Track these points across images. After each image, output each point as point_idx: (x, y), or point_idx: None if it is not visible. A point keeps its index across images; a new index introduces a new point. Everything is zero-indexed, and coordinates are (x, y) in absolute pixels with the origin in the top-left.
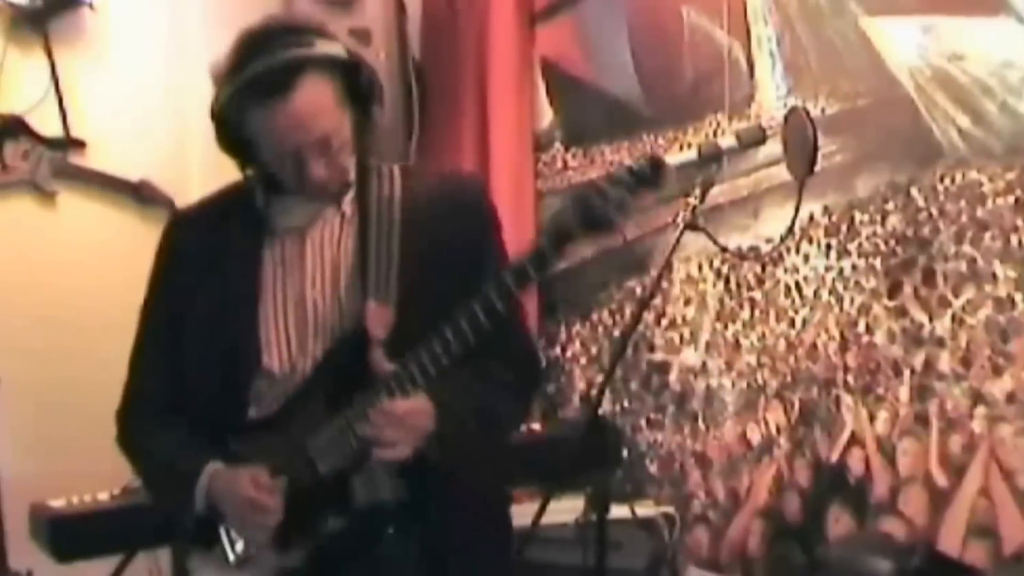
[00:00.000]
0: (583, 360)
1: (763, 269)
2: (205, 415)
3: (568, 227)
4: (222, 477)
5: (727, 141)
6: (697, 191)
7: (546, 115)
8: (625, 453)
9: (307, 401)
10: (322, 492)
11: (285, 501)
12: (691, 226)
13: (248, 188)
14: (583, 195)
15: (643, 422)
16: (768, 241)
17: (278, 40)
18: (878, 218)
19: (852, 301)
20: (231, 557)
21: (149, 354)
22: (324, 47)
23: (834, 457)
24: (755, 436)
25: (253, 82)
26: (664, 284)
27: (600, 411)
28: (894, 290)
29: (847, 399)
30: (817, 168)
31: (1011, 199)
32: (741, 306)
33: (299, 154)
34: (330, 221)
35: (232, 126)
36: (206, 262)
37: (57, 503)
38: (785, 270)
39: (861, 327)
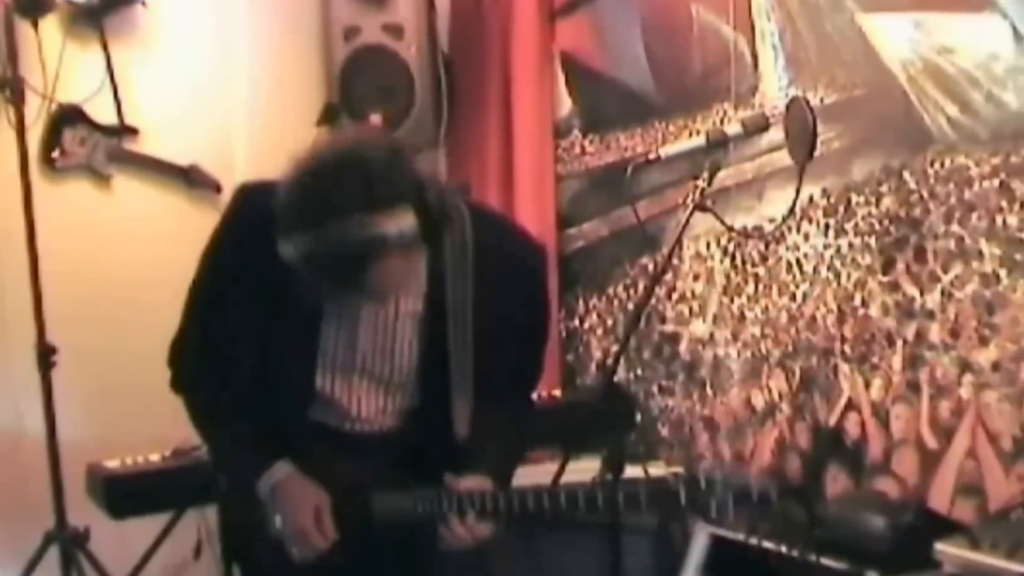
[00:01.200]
0: (599, 331)
1: (766, 247)
2: (269, 401)
3: (672, 500)
4: (291, 484)
5: (733, 128)
6: (705, 174)
7: (565, 104)
8: (639, 417)
9: (378, 448)
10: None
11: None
12: (700, 207)
13: None
14: (696, 479)
15: (655, 389)
16: (771, 221)
17: (350, 214)
18: (873, 200)
19: (849, 276)
20: (273, 528)
21: (207, 309)
22: (398, 225)
23: (832, 421)
24: (759, 402)
25: (321, 263)
26: (675, 261)
27: (615, 378)
28: (888, 266)
29: (844, 367)
30: (816, 153)
31: (996, 182)
32: (746, 281)
33: (374, 301)
34: None
35: (293, 269)
36: (273, 259)
37: (112, 464)
38: (787, 248)
39: (857, 301)
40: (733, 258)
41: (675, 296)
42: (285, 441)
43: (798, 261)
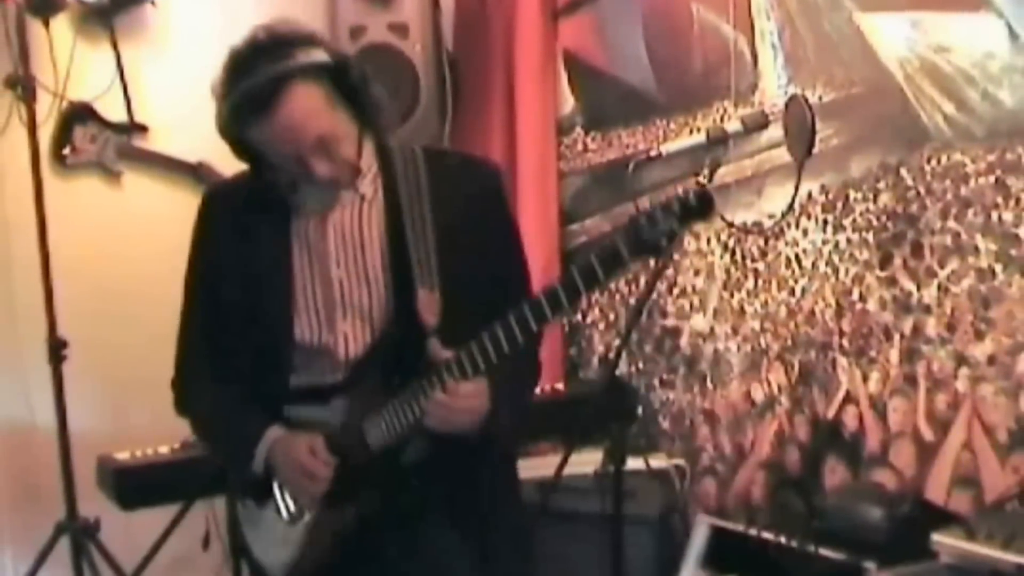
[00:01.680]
0: (602, 325)
1: (766, 242)
2: (249, 381)
3: (618, 250)
4: (281, 442)
5: (733, 126)
6: (706, 171)
7: (568, 102)
8: (640, 410)
9: (359, 381)
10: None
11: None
12: None
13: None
14: (634, 220)
15: (656, 382)
16: (770, 217)
17: (262, 56)
18: (870, 196)
19: (847, 271)
20: (284, 515)
21: (193, 322)
22: (305, 56)
23: (830, 414)
24: (758, 395)
25: (242, 100)
26: (675, 256)
27: (617, 372)
28: (885, 261)
29: (842, 361)
30: (815, 150)
31: (992, 179)
32: (746, 276)
33: (300, 157)
34: (349, 204)
35: (236, 139)
36: (239, 235)
37: (122, 455)
38: (786, 243)
39: (855, 295)
40: (733, 253)
41: (676, 291)
42: (275, 413)
43: (797, 256)
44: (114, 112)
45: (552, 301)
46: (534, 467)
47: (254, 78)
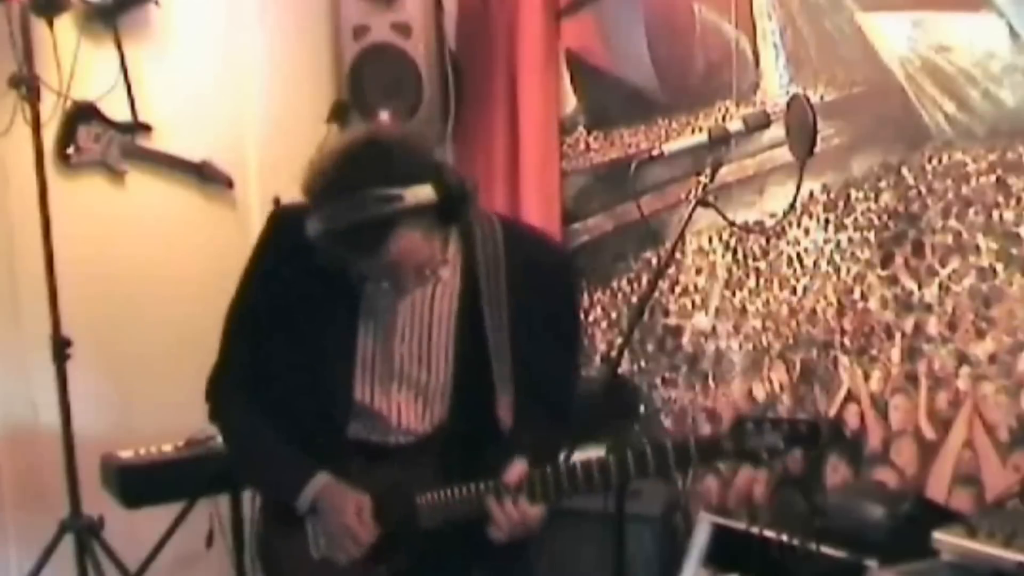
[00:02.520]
0: (604, 324)
1: (767, 241)
2: (301, 422)
3: (719, 447)
4: (331, 491)
5: (735, 125)
6: (708, 170)
7: (570, 101)
8: (642, 408)
9: (420, 454)
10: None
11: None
12: (702, 202)
13: None
14: (742, 426)
15: (658, 380)
16: (772, 216)
17: (372, 186)
18: (872, 195)
19: (848, 270)
20: (314, 552)
21: (243, 336)
22: (413, 197)
23: (832, 412)
24: (760, 393)
25: (346, 235)
26: (678, 255)
27: (619, 370)
28: (886, 260)
29: (844, 359)
30: (816, 150)
31: (993, 178)
32: (747, 275)
33: (393, 279)
34: (423, 288)
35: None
36: (311, 277)
37: (126, 454)
38: (787, 242)
39: (856, 294)
40: (735, 252)
41: (678, 290)
42: (323, 459)
43: (798, 255)
44: (118, 111)
45: (639, 466)
46: None
47: (361, 215)
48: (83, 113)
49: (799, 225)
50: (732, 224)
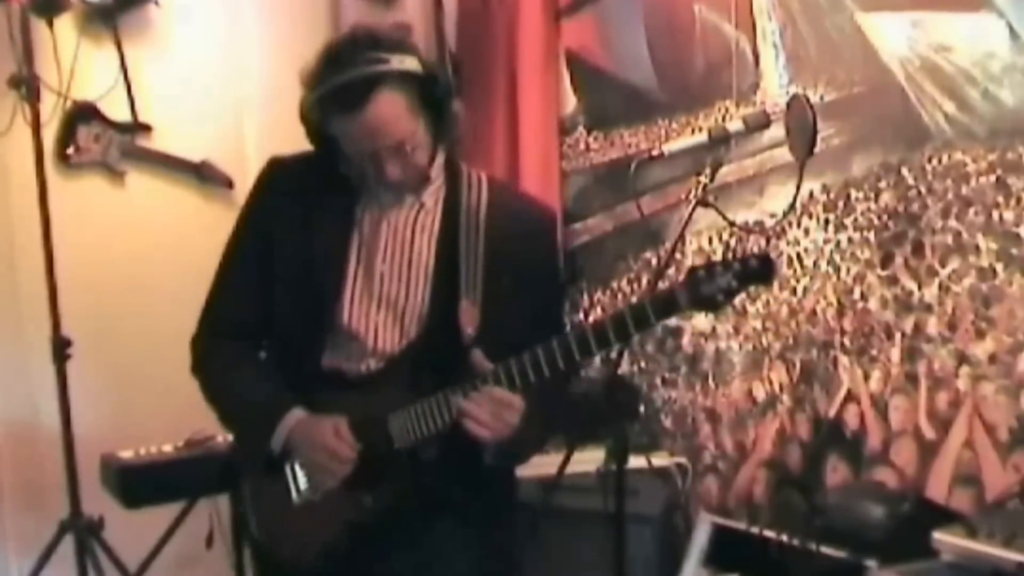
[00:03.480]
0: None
1: (767, 242)
2: (281, 356)
3: (675, 298)
4: (305, 423)
5: (735, 125)
6: (707, 170)
7: (570, 102)
8: (642, 409)
9: (389, 376)
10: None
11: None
12: (702, 202)
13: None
14: (694, 273)
15: (659, 381)
16: (772, 216)
17: (359, 54)
18: (872, 195)
19: (848, 271)
20: (295, 495)
21: (229, 282)
22: (399, 63)
23: (832, 412)
24: (760, 393)
25: (333, 94)
26: (678, 255)
27: (620, 371)
28: (886, 261)
29: (844, 360)
30: (816, 150)
31: (992, 178)
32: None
33: (375, 156)
34: (407, 207)
35: (317, 127)
36: (301, 212)
37: (126, 454)
38: (787, 243)
39: (856, 294)
40: (735, 253)
41: None
42: (296, 391)
43: (798, 256)
44: (118, 112)
45: (598, 336)
46: (536, 465)
47: (348, 75)
48: (83, 113)
49: (799, 225)
50: (732, 224)
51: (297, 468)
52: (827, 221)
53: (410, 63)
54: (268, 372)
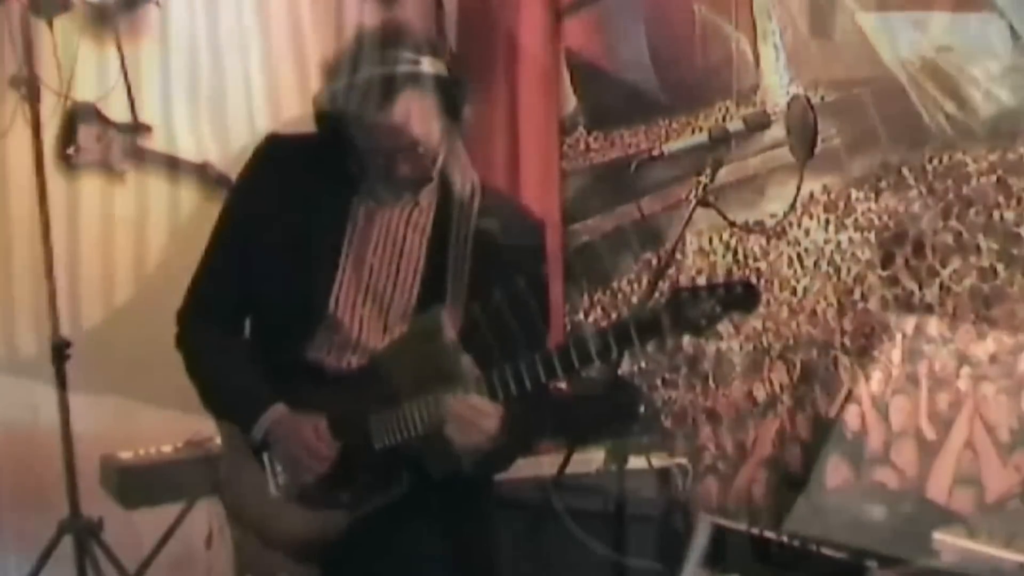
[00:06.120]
0: (603, 325)
1: (768, 242)
2: (265, 339)
3: (658, 320)
4: (285, 420)
5: (735, 125)
6: (708, 171)
7: (570, 101)
8: (642, 409)
9: (371, 376)
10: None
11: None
12: (702, 203)
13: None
14: (678, 296)
15: (659, 381)
16: (772, 216)
17: (390, 51)
18: (872, 195)
19: (849, 271)
20: (272, 487)
21: (217, 259)
22: (430, 65)
23: (832, 413)
24: (760, 394)
25: (361, 87)
26: (678, 256)
27: (620, 372)
28: (887, 261)
29: (844, 360)
30: (817, 150)
31: (993, 178)
32: (748, 275)
33: (390, 152)
34: (402, 205)
35: (333, 118)
36: (297, 194)
37: (125, 455)
38: (788, 243)
39: (857, 295)
40: (735, 253)
41: None
42: (278, 383)
43: (799, 256)
44: (118, 112)
45: (580, 352)
46: (536, 465)
47: (379, 71)
48: (83, 113)
49: (799, 225)
50: (732, 224)
51: (276, 461)
52: (827, 221)
53: (439, 67)
54: (251, 357)
